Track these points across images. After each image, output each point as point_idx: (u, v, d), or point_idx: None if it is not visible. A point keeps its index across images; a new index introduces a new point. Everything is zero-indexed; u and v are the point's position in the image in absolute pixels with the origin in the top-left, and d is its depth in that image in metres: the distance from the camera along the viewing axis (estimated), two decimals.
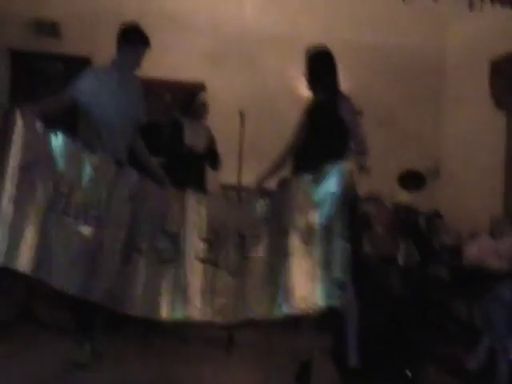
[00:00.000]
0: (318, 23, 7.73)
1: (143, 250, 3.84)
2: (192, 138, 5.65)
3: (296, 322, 4.35)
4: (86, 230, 3.70)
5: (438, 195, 7.67)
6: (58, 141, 3.70)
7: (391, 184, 6.71)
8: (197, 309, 3.86)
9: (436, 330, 5.56)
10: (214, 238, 3.97)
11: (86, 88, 4.25)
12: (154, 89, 6.80)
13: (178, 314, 3.85)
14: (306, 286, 3.79)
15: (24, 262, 3.46)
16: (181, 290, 3.86)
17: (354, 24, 7.88)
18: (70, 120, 4.14)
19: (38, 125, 3.65)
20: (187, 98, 5.83)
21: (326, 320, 4.36)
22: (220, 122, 6.16)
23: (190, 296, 3.86)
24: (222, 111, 6.41)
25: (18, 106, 3.63)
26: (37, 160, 3.59)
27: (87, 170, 3.77)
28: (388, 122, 7.78)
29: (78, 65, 6.82)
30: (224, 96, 7.16)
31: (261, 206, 4.06)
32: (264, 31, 7.67)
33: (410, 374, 4.58)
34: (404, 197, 6.67)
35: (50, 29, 7.52)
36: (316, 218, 3.86)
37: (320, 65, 4.48)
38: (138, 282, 3.80)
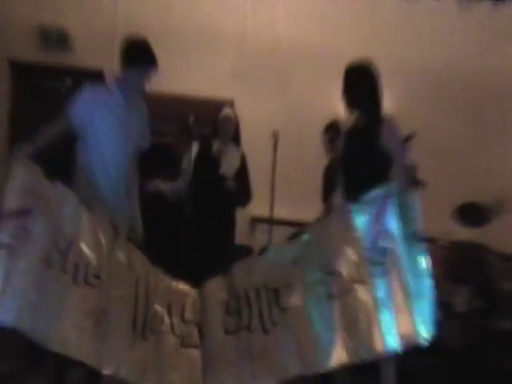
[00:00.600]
0: (358, 36, 7.26)
1: (159, 332, 3.75)
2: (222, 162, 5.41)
3: (331, 375, 4.09)
4: (86, 291, 3.59)
5: (502, 231, 6.82)
6: (56, 191, 3.66)
7: (448, 220, 6.17)
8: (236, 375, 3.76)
9: None
10: (242, 307, 3.87)
11: (82, 109, 4.03)
12: (179, 108, 6.53)
13: None
14: (363, 329, 3.59)
15: (18, 316, 3.32)
16: (212, 365, 3.77)
17: (401, 40, 7.34)
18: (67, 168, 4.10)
19: (37, 170, 3.61)
20: (214, 117, 5.57)
21: (363, 372, 4.10)
22: (250, 144, 5.80)
23: (227, 368, 3.76)
24: (251, 132, 6.02)
25: (16, 150, 3.62)
26: (34, 209, 3.53)
27: (85, 227, 3.71)
28: (445, 150, 7.28)
29: (89, 80, 6.44)
30: (254, 116, 6.80)
31: (289, 252, 3.97)
32: (298, 45, 7.32)
33: None
34: (464, 234, 6.18)
35: (58, 38, 7.18)
36: (364, 250, 3.71)
37: (359, 80, 4.16)
38: (156, 360, 3.69)
